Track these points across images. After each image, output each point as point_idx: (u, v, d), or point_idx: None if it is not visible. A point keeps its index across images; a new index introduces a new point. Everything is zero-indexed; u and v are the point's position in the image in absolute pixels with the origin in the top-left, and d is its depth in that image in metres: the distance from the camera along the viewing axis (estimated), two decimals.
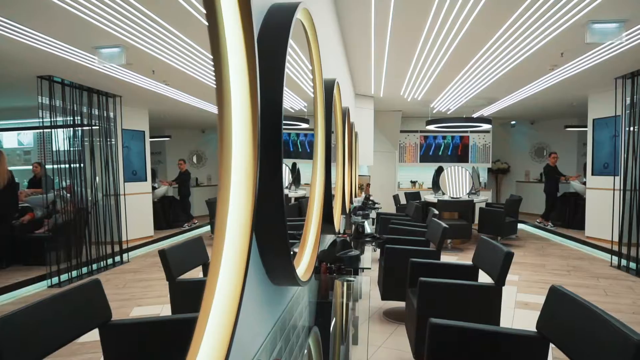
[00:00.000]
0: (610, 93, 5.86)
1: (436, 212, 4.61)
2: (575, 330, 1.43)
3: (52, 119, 0.75)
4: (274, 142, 1.02)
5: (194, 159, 1.87)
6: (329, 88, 2.25)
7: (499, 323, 2.33)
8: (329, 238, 2.88)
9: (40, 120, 0.75)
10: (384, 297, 3.47)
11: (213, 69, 0.84)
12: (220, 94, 0.78)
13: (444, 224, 3.44)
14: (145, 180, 1.38)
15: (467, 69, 5.19)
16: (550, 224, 8.26)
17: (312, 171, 1.90)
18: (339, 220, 2.79)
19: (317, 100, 1.83)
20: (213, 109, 1.76)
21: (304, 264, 1.61)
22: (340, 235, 3.10)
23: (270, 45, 1.09)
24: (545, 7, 3.24)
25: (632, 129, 5.35)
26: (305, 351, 1.65)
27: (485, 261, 2.57)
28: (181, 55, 1.35)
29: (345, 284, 2.08)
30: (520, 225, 9.00)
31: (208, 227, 1.79)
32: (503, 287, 2.35)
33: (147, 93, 1.27)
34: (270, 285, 1.28)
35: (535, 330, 1.65)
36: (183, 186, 1.73)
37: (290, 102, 2.56)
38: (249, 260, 0.77)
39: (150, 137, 1.40)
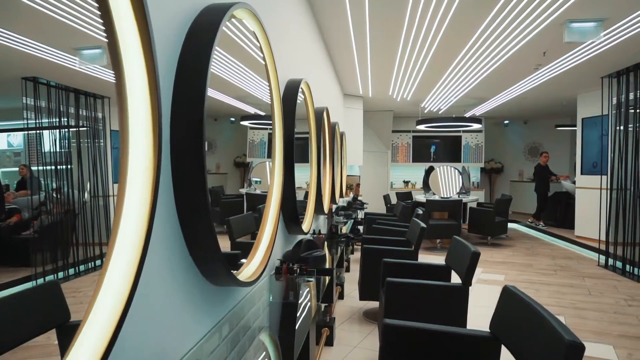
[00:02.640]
0: (598, 92, 5.85)
1: (420, 211, 4.60)
2: (520, 330, 1.42)
3: (38, 121, 0.75)
4: (195, 141, 1.01)
5: (205, 147, 1.86)
6: (293, 88, 2.25)
7: (466, 323, 2.32)
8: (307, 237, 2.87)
9: (25, 121, 0.75)
10: (362, 298, 3.46)
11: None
12: (120, 93, 0.77)
13: (422, 224, 3.43)
14: None
15: (452, 69, 5.19)
16: (541, 223, 8.25)
17: (270, 171, 1.89)
18: (310, 220, 2.79)
19: (273, 100, 1.82)
20: (224, 98, 1.75)
21: (254, 264, 1.60)
22: (316, 235, 3.10)
23: (196, 43, 1.08)
24: (520, 6, 3.23)
25: (618, 128, 5.34)
26: (261, 352, 1.64)
27: (456, 261, 2.56)
28: None
29: (308, 284, 2.06)
30: (512, 225, 8.99)
31: None
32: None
33: None
34: (208, 286, 1.27)
35: (489, 330, 1.64)
36: None
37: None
38: (142, 263, 0.76)
39: None
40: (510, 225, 8.77)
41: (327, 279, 1.98)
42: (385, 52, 4.61)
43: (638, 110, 4.99)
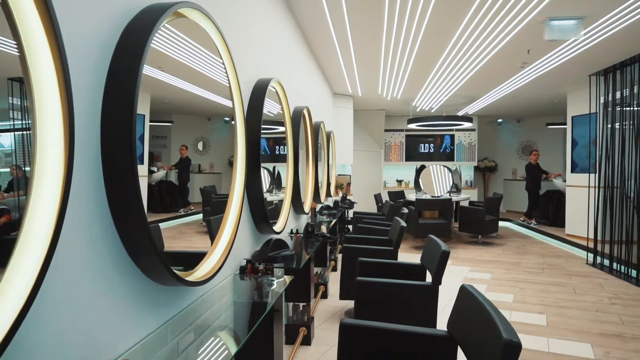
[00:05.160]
0: (587, 90, 5.84)
1: (405, 210, 4.59)
2: (472, 329, 1.42)
3: (25, 121, 0.74)
4: (125, 140, 1.01)
5: (199, 146, 1.86)
6: (261, 87, 2.24)
7: (436, 322, 2.31)
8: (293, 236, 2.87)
9: (12, 122, 0.75)
10: (342, 297, 3.46)
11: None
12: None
13: (402, 223, 3.43)
14: (142, 163, 1.35)
15: (438, 68, 5.18)
16: (533, 221, 8.24)
17: (232, 170, 1.88)
18: (285, 220, 2.78)
19: (234, 99, 1.81)
20: (217, 98, 1.76)
21: (209, 264, 1.60)
22: (294, 235, 3.10)
23: (129, 43, 1.08)
24: (498, 4, 3.23)
25: (606, 126, 5.33)
26: (215, 351, 1.64)
27: (429, 260, 2.56)
28: (172, 44, 1.34)
29: (274, 283, 2.06)
30: (505, 224, 8.98)
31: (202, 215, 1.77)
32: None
33: (146, 78, 1.26)
34: (153, 286, 1.27)
35: (446, 329, 1.63)
36: (183, 172, 1.71)
37: (268, 106, 2.59)
38: (48, 263, 0.76)
39: (153, 121, 1.38)
40: (502, 223, 8.77)
41: (289, 278, 1.97)
42: (369, 51, 4.60)
43: (625, 108, 4.98)
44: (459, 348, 1.57)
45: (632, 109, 4.82)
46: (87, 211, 0.97)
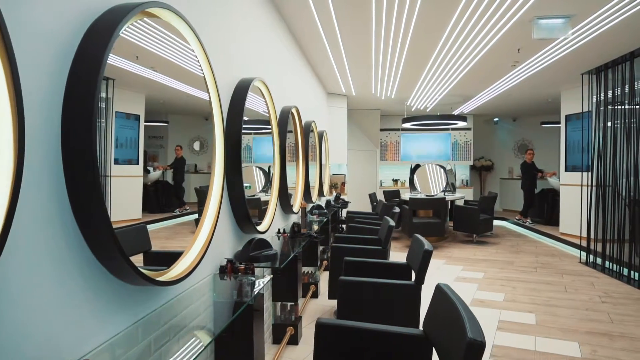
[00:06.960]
0: (580, 89, 5.83)
1: (397, 209, 4.59)
2: (444, 328, 1.42)
3: None
4: (82, 134, 1.01)
5: (196, 146, 1.86)
6: (243, 87, 2.24)
7: (418, 323, 2.31)
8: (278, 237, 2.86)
9: None
10: (330, 297, 3.46)
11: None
12: None
13: (391, 222, 3.42)
14: (137, 163, 1.34)
15: (430, 67, 5.18)
16: (529, 220, 8.24)
17: (211, 170, 1.88)
18: (270, 220, 2.78)
19: (211, 98, 1.81)
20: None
21: (184, 263, 1.60)
22: (281, 235, 3.10)
23: (93, 41, 1.08)
24: (485, 3, 3.22)
25: (598, 124, 5.32)
26: (191, 350, 1.64)
27: (414, 259, 2.55)
28: (164, 45, 1.34)
29: (257, 282, 2.06)
30: (501, 222, 8.99)
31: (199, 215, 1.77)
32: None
33: (138, 77, 1.25)
34: (121, 285, 1.27)
35: (422, 329, 1.63)
36: (178, 172, 1.71)
37: (263, 106, 2.60)
38: None
39: (149, 122, 1.37)
40: (498, 222, 8.78)
41: (268, 278, 1.97)
42: (359, 51, 4.60)
43: (617, 107, 4.98)
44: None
45: (624, 107, 4.81)
46: (46, 212, 0.97)
